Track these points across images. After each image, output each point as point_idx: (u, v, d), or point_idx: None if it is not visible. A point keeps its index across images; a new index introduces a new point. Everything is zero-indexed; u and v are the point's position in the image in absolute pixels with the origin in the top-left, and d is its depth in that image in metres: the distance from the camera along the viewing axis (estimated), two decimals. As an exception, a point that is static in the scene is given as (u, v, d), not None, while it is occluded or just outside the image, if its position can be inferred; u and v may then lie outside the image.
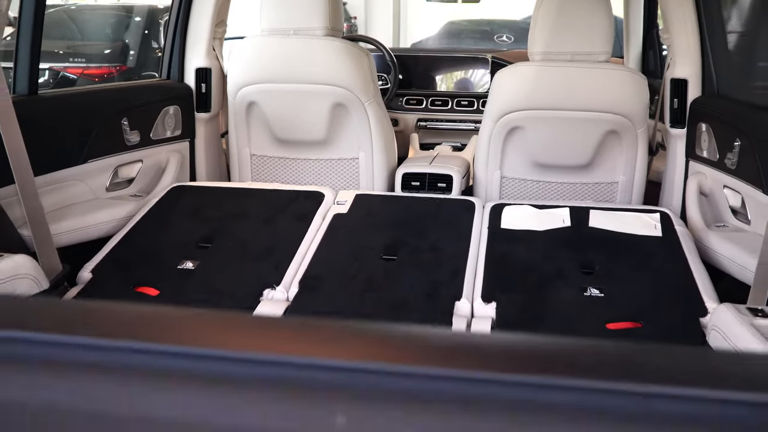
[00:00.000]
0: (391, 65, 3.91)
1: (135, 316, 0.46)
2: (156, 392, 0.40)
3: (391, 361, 0.43)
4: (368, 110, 2.96)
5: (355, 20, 17.82)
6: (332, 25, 2.90)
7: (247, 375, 0.41)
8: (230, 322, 0.49)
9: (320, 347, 0.45)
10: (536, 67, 2.78)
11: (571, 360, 0.43)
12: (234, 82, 2.99)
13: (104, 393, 0.40)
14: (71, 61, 8.17)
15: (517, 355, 0.44)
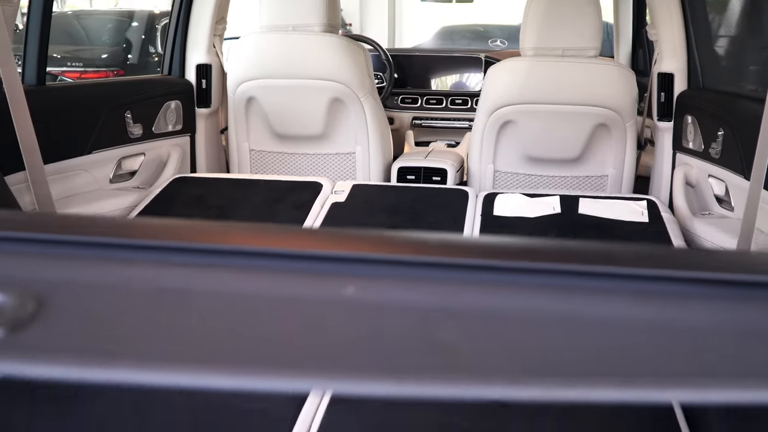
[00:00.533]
0: (387, 64, 4.00)
1: (193, 228, 0.54)
2: (201, 275, 0.48)
3: (395, 252, 0.51)
4: (365, 105, 3.04)
5: (350, 27, 17.96)
6: (330, 21, 2.98)
7: (273, 266, 0.49)
8: (263, 231, 0.56)
9: (338, 245, 0.53)
10: (528, 62, 2.86)
11: (547, 251, 0.51)
12: (234, 78, 3.07)
13: (164, 276, 0.48)
14: (69, 65, 8.24)
15: (504, 247, 0.52)
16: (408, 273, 0.49)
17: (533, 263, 0.48)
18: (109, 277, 0.48)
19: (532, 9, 2.83)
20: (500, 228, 2.37)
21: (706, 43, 2.82)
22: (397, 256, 0.50)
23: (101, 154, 2.67)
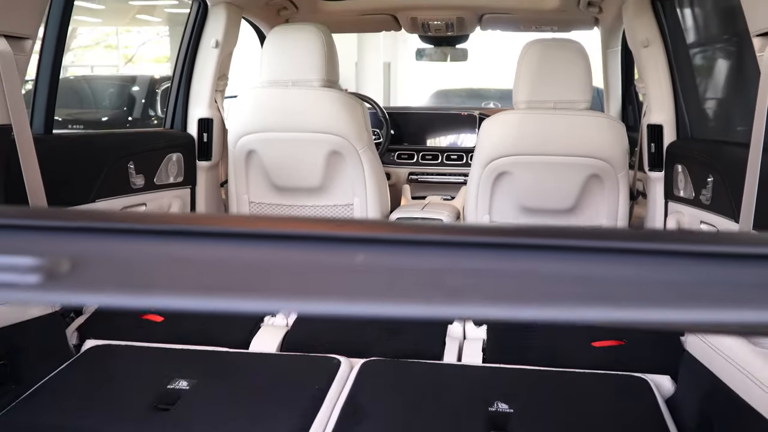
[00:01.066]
0: (384, 121, 4.10)
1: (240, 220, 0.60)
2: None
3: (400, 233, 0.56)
4: (362, 157, 3.11)
5: (347, 91, 18.34)
6: (329, 77, 3.08)
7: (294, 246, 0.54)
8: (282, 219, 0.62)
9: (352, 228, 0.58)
10: (521, 115, 2.95)
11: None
12: (234, 132, 3.14)
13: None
14: (70, 128, 8.38)
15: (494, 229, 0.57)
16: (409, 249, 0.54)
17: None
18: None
19: (524, 64, 2.93)
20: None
21: (692, 95, 2.92)
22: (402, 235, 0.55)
23: (104, 203, 2.72)
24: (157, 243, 0.56)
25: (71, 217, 0.59)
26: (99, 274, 0.51)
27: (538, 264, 0.53)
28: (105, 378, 1.79)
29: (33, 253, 0.51)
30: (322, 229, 0.58)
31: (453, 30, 3.78)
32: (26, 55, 2.03)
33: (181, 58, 3.23)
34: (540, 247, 0.55)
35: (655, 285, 0.51)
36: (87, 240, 0.56)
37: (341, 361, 1.84)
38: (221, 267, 0.54)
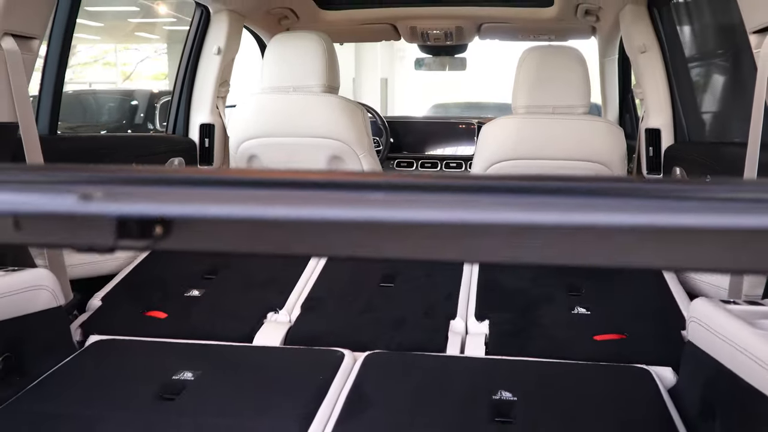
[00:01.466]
0: (383, 129, 4.13)
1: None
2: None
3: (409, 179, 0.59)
4: (363, 162, 3.13)
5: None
6: (329, 82, 3.10)
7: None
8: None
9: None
10: (520, 120, 2.98)
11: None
12: (236, 137, 3.17)
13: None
14: (69, 141, 8.40)
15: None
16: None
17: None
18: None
19: (522, 69, 2.96)
20: (500, 270, 2.42)
21: (689, 99, 2.95)
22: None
23: (106, 205, 2.73)
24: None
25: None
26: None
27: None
28: (109, 370, 1.80)
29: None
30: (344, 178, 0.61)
31: (452, 39, 3.82)
32: (33, 55, 2.06)
33: (183, 64, 3.26)
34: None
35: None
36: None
37: (345, 353, 1.85)
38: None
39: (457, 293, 2.27)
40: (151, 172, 0.60)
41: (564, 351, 1.88)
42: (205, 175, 0.62)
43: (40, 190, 0.57)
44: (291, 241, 0.59)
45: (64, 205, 0.56)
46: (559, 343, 1.94)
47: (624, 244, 0.56)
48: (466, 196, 0.57)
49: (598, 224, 0.55)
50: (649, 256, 0.56)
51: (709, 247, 0.55)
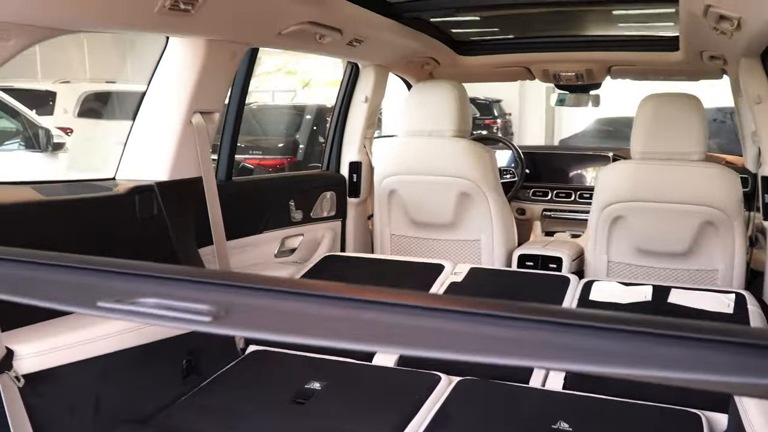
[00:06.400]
0: (519, 161, 4.45)
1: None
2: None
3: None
4: (489, 199, 3.49)
5: (509, 116, 18.57)
6: (460, 127, 3.50)
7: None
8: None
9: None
10: (635, 164, 3.20)
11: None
12: (379, 173, 3.66)
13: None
14: (250, 153, 9.41)
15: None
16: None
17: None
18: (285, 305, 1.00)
19: (639, 117, 3.19)
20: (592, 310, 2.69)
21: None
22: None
23: (269, 234, 3.32)
24: (280, 300, 1.03)
25: (226, 277, 1.08)
26: (245, 318, 0.99)
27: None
28: (260, 375, 2.34)
29: (204, 301, 1.00)
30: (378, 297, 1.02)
31: (583, 80, 4.07)
32: (215, 124, 2.66)
33: (336, 110, 3.81)
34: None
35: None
36: (237, 294, 1.05)
37: (442, 377, 2.25)
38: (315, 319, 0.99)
39: (551, 329, 2.57)
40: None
41: (633, 391, 2.15)
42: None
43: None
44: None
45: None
46: (629, 382, 2.21)
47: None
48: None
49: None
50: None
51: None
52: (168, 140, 2.51)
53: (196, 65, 2.44)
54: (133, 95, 11.76)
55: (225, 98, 2.74)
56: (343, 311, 1.01)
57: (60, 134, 6.77)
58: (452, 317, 0.95)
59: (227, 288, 1.07)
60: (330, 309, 1.02)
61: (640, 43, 3.85)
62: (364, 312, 0.99)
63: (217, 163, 3.01)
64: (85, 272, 1.15)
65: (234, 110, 2.96)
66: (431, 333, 0.95)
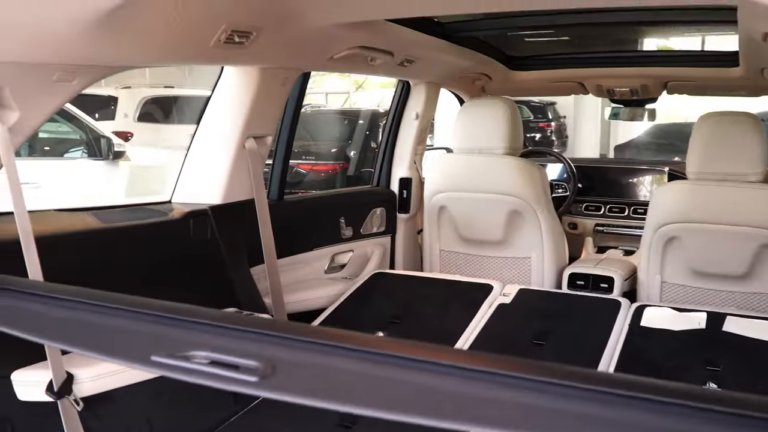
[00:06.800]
0: (571, 175, 4.40)
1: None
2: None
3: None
4: (540, 217, 3.47)
5: (564, 119, 18.31)
6: (511, 144, 3.48)
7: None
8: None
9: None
10: (690, 185, 3.13)
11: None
12: (429, 190, 3.67)
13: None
14: (303, 158, 9.52)
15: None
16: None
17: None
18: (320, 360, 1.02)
19: (696, 136, 3.12)
20: (644, 338, 2.65)
21: None
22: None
23: (319, 251, 3.36)
24: (325, 356, 1.06)
25: (272, 327, 1.11)
26: (292, 379, 1.02)
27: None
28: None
29: (250, 356, 1.03)
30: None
31: (637, 95, 4.00)
32: (267, 147, 2.72)
33: (387, 127, 3.84)
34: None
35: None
36: (284, 349, 1.07)
37: None
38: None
39: (600, 356, 2.55)
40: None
41: None
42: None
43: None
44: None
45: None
46: None
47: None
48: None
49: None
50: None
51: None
52: (222, 165, 2.57)
53: (250, 92, 2.50)
54: (190, 99, 12.08)
55: (277, 122, 2.79)
56: (401, 373, 1.02)
57: (120, 143, 6.98)
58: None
59: (274, 340, 1.10)
60: (382, 369, 1.04)
61: (698, 59, 3.77)
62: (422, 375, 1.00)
63: (269, 183, 3.07)
64: (139, 317, 1.20)
65: (286, 132, 3.01)
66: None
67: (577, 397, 0.88)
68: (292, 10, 2.00)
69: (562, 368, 0.95)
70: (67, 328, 1.26)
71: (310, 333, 1.13)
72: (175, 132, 10.93)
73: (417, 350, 1.07)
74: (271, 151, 2.96)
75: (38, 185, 5.80)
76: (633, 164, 4.76)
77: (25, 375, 1.84)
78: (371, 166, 4.06)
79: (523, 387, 0.94)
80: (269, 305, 2.86)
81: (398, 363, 1.04)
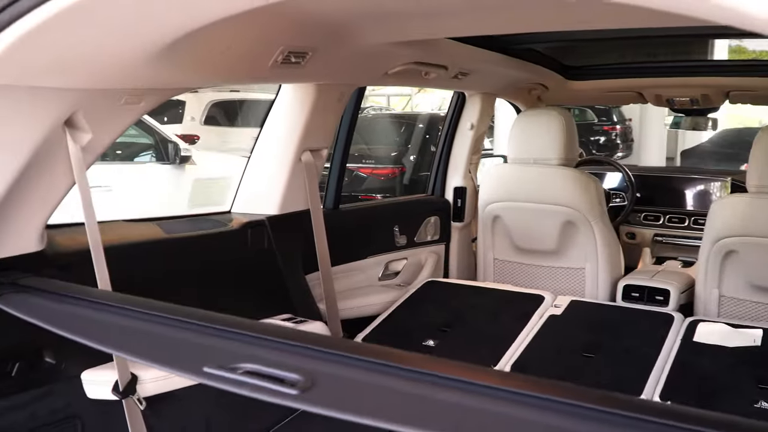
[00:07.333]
0: (629, 185, 4.35)
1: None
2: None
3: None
4: (595, 228, 3.46)
5: (629, 122, 17.93)
6: (565, 155, 3.48)
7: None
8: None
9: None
10: (749, 199, 3.08)
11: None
12: (483, 199, 3.70)
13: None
14: (363, 162, 9.64)
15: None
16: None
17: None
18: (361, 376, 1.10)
19: (756, 149, 3.06)
20: (696, 354, 2.63)
21: None
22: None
23: (374, 259, 3.44)
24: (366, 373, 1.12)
25: (317, 341, 1.18)
26: (329, 394, 1.09)
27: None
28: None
29: (292, 369, 1.11)
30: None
31: (698, 104, 3.94)
32: (323, 160, 2.81)
33: (442, 136, 3.89)
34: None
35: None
36: (325, 364, 1.15)
37: None
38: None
39: (650, 370, 2.54)
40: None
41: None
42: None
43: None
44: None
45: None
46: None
47: None
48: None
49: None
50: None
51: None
52: (279, 177, 2.68)
53: (306, 107, 2.59)
54: (254, 103, 12.37)
55: (333, 135, 2.88)
56: (443, 393, 1.08)
57: (186, 147, 7.24)
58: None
59: (316, 354, 1.18)
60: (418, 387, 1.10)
61: (761, 68, 3.69)
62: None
63: (325, 193, 3.16)
64: (194, 328, 1.30)
65: (342, 144, 3.11)
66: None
67: (621, 424, 0.92)
68: (346, 31, 2.07)
69: (603, 395, 0.98)
70: (129, 338, 1.37)
71: (350, 348, 1.20)
72: (238, 135, 11.23)
73: (454, 370, 1.12)
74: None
75: (110, 188, 6.08)
76: (694, 173, 4.66)
77: (93, 375, 1.97)
78: (429, 171, 4.12)
79: (556, 410, 0.99)
80: (323, 311, 2.95)
81: (435, 382, 1.10)
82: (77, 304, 1.54)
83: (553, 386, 1.01)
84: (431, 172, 3.99)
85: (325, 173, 3.14)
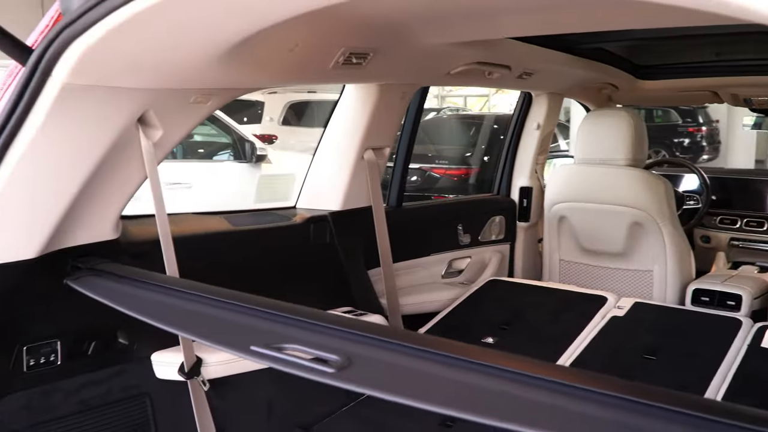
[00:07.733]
0: (704, 187, 4.24)
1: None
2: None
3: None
4: (663, 230, 3.39)
5: (717, 123, 17.28)
6: (634, 156, 3.43)
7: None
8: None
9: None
10: None
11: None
12: (549, 199, 3.69)
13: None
14: (436, 162, 9.68)
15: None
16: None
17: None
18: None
19: None
20: (761, 359, 2.56)
21: None
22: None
23: (437, 256, 3.49)
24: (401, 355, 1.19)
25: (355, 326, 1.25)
26: (364, 373, 1.15)
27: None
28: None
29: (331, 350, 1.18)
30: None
31: (778, 104, 3.80)
32: (385, 158, 2.88)
33: (509, 136, 3.89)
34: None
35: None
36: (361, 346, 1.22)
37: None
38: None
39: (712, 375, 2.49)
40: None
41: None
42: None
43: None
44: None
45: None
46: None
47: None
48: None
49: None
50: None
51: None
52: (342, 174, 2.77)
53: (369, 106, 2.67)
54: (330, 104, 12.57)
55: (395, 134, 2.95)
56: (463, 375, 1.13)
57: (262, 146, 7.47)
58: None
59: (354, 337, 1.25)
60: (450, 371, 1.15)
61: None
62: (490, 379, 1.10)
63: (389, 193, 3.23)
64: (247, 311, 1.40)
65: (406, 143, 3.17)
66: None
67: (678, 421, 0.94)
68: (406, 32, 2.13)
69: (663, 392, 1.00)
70: (192, 320, 1.47)
71: (387, 333, 1.27)
72: (315, 135, 11.45)
73: (499, 358, 1.17)
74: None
75: (190, 185, 6.35)
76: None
77: (162, 356, 2.10)
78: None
79: (610, 405, 1.02)
80: (384, 306, 3.02)
81: (465, 366, 1.15)
82: (147, 288, 1.66)
83: (611, 382, 1.04)
84: (497, 172, 4.00)
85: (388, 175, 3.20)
